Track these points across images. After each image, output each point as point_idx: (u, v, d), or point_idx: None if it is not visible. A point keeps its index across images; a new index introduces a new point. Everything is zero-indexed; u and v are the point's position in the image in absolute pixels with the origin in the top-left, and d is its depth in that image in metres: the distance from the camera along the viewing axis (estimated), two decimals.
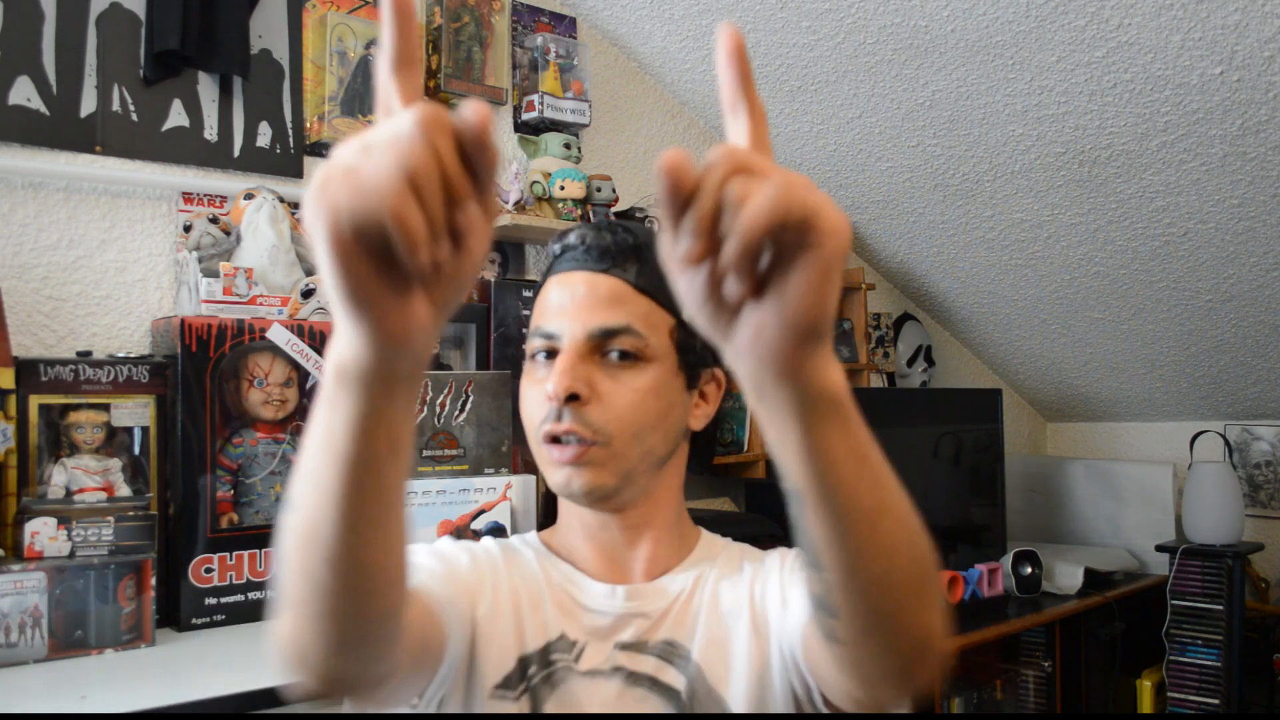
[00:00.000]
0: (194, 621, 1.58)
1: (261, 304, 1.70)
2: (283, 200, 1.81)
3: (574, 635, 0.83)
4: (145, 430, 1.62)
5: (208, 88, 1.88)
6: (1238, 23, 1.88)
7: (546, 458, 0.82)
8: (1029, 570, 2.63)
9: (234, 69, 1.87)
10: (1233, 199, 2.34)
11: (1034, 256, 2.82)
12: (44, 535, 1.42)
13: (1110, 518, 3.13)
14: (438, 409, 1.88)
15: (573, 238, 0.86)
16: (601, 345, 0.81)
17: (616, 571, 0.87)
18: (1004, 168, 2.52)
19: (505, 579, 0.84)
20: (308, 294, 1.75)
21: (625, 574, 0.87)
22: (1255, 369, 2.93)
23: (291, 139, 1.98)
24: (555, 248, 0.88)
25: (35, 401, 1.52)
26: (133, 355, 1.64)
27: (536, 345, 0.84)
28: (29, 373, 1.52)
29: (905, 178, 2.70)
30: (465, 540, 0.89)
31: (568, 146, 2.27)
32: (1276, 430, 3.11)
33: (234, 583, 1.62)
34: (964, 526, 2.77)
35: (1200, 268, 2.60)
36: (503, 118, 2.34)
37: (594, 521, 0.87)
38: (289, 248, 1.78)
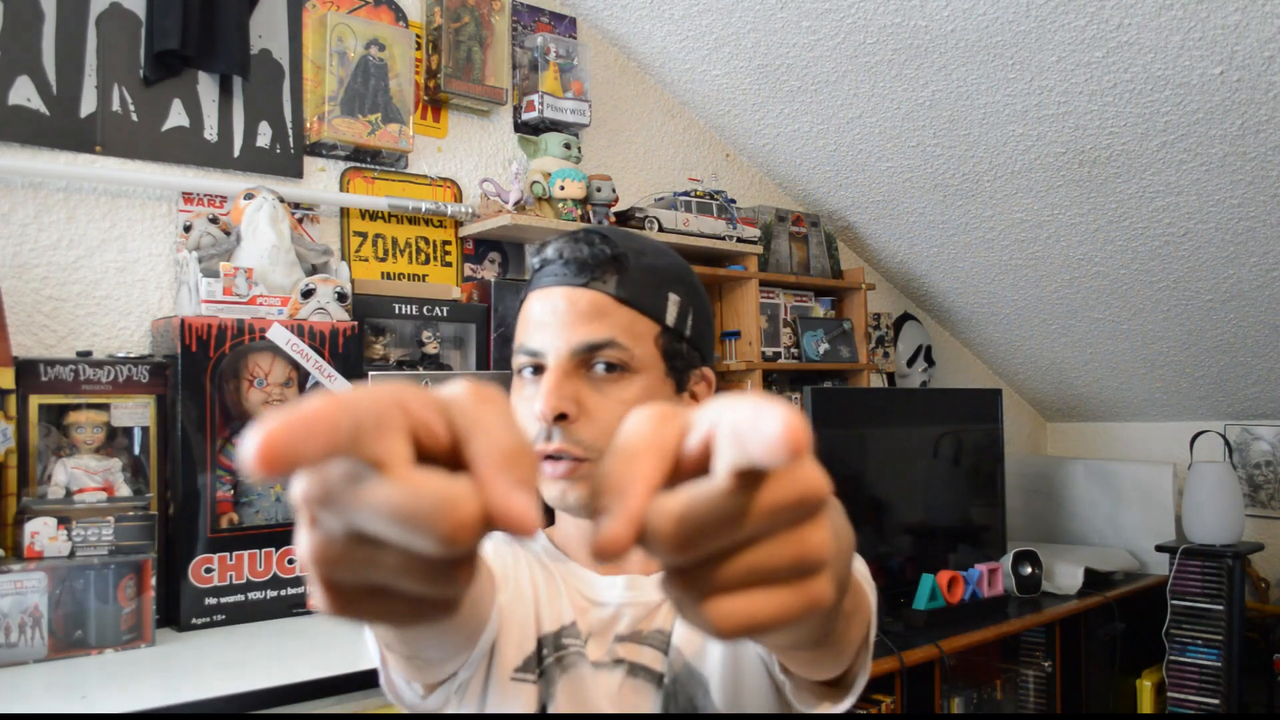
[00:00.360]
0: (194, 621, 1.58)
1: (261, 304, 1.70)
2: (283, 200, 1.81)
3: (580, 625, 0.85)
4: (145, 430, 1.62)
5: (208, 88, 1.88)
6: (1238, 23, 1.88)
7: (540, 473, 0.83)
8: (1029, 570, 2.64)
9: (234, 69, 1.87)
10: (1233, 199, 2.34)
11: (1034, 256, 2.82)
12: (44, 535, 1.42)
13: (1110, 518, 3.13)
14: None
15: (550, 251, 0.86)
16: (586, 360, 0.82)
17: (615, 567, 0.88)
18: (1004, 168, 2.52)
19: (525, 566, 0.87)
20: (308, 294, 1.74)
21: (624, 569, 0.88)
22: (1255, 369, 2.93)
23: (291, 139, 1.98)
24: (534, 262, 0.88)
25: (35, 401, 1.52)
26: (133, 355, 1.63)
27: (522, 362, 0.84)
28: (29, 373, 1.52)
29: (905, 178, 2.69)
30: None
31: (568, 146, 2.27)
32: (1276, 430, 3.11)
33: (234, 583, 1.62)
34: (964, 526, 2.77)
35: (1200, 268, 2.60)
36: (503, 118, 2.34)
37: (590, 528, 0.87)
38: (289, 248, 1.78)
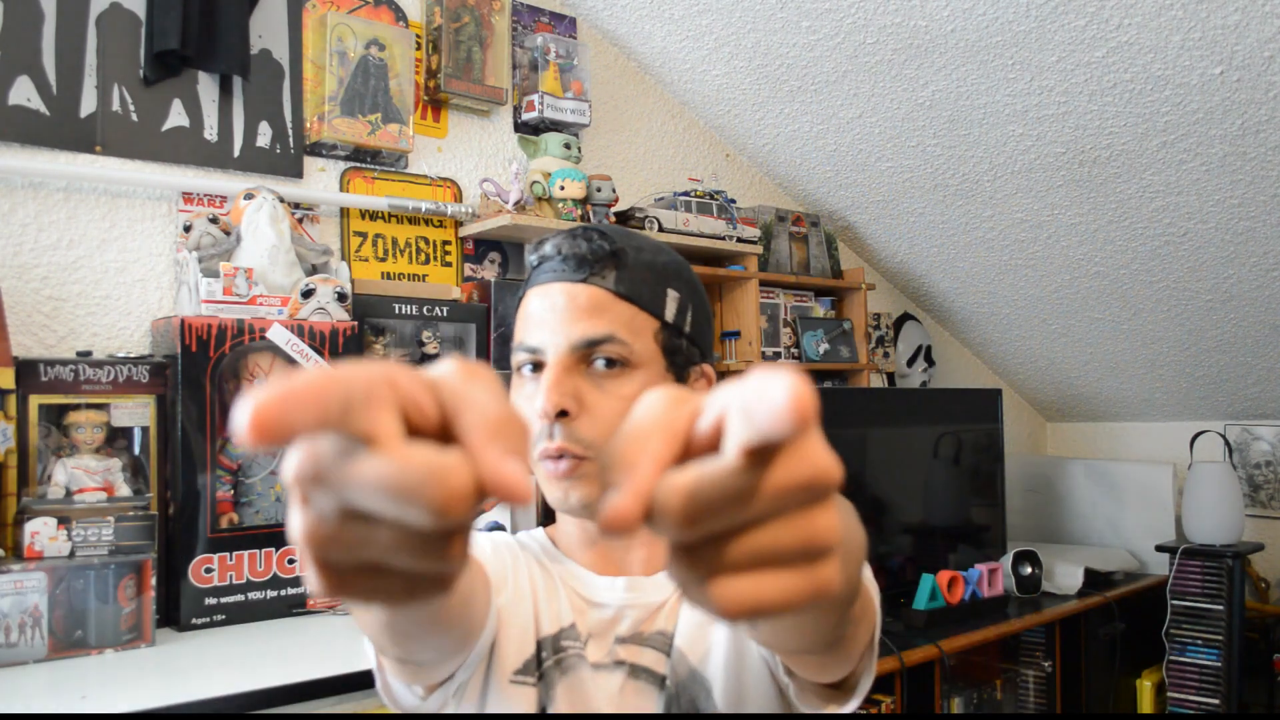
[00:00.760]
0: (194, 621, 1.58)
1: (261, 304, 1.70)
2: (283, 200, 1.81)
3: (580, 627, 0.85)
4: (145, 430, 1.62)
5: (208, 88, 1.88)
6: (1238, 23, 1.88)
7: (542, 473, 0.82)
8: (1029, 570, 2.64)
9: (234, 69, 1.87)
10: (1233, 199, 2.34)
11: (1034, 256, 2.82)
12: (44, 535, 1.42)
13: (1110, 518, 3.13)
14: None
15: (548, 248, 0.85)
16: (586, 356, 0.81)
17: (616, 568, 0.89)
18: (1004, 168, 2.52)
19: (524, 567, 0.87)
20: (307, 294, 1.74)
21: (624, 570, 0.88)
22: (1255, 369, 2.93)
23: (291, 139, 1.98)
24: (532, 259, 0.87)
25: (35, 401, 1.52)
26: (133, 355, 1.63)
27: (521, 359, 0.84)
28: (29, 373, 1.51)
29: (905, 178, 2.69)
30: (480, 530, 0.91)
31: (568, 146, 2.27)
32: (1276, 430, 3.11)
33: (234, 583, 1.62)
34: (964, 526, 2.76)
35: (1200, 268, 2.60)
36: (503, 118, 2.34)
37: (593, 529, 0.88)
38: (289, 248, 1.78)
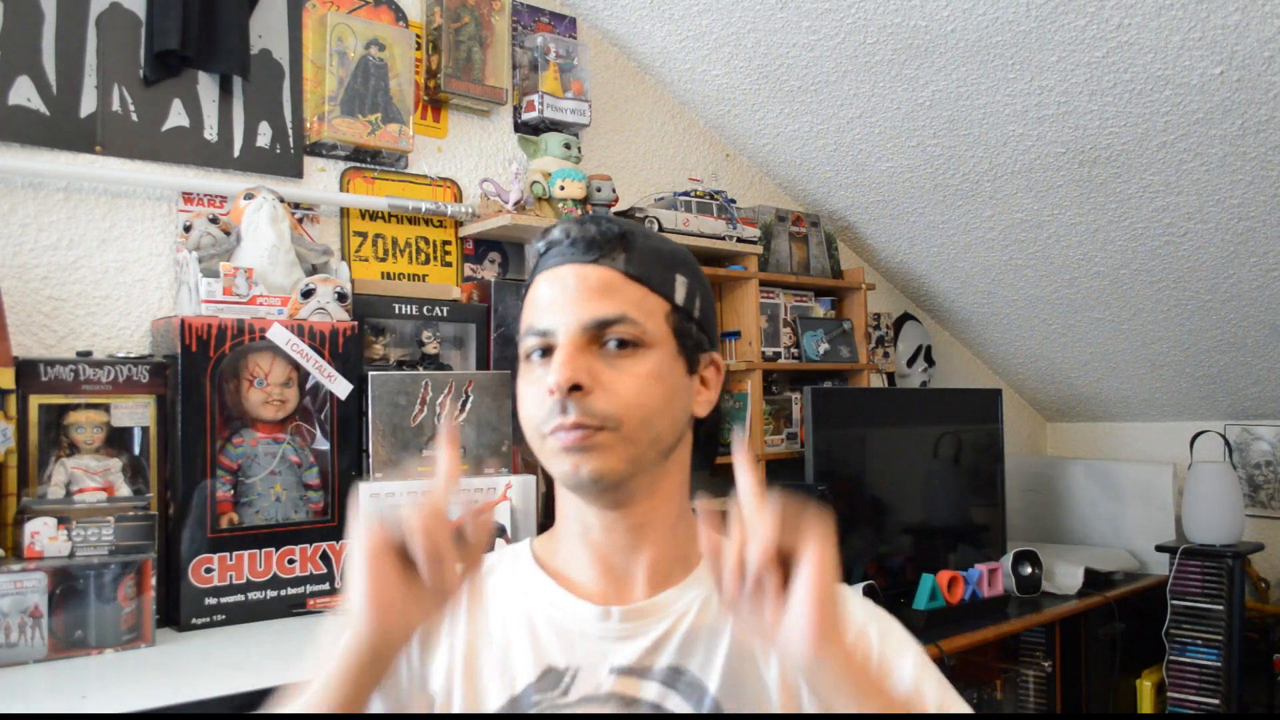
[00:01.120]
0: (194, 621, 1.58)
1: (261, 304, 1.70)
2: (283, 200, 1.81)
3: (563, 663, 0.80)
4: (145, 430, 1.62)
5: (208, 88, 1.88)
6: (1238, 23, 1.88)
7: (551, 447, 0.78)
8: (1029, 570, 2.64)
9: (234, 69, 1.87)
10: (1233, 199, 2.34)
11: (1034, 256, 2.82)
12: (44, 535, 1.42)
13: (1110, 518, 3.13)
14: (438, 409, 1.88)
15: (557, 233, 0.84)
16: (598, 336, 0.79)
17: (615, 584, 0.83)
18: (1004, 168, 2.52)
19: (495, 612, 0.84)
20: (307, 294, 1.74)
21: (625, 585, 0.83)
22: (1255, 369, 2.93)
23: (291, 139, 1.98)
24: (540, 245, 0.85)
25: (35, 401, 1.52)
26: (133, 355, 1.63)
27: (531, 344, 0.81)
28: (29, 373, 1.52)
29: (905, 178, 2.69)
30: None
31: (568, 146, 2.27)
32: (1276, 430, 3.11)
33: (234, 583, 1.62)
34: (964, 526, 2.76)
35: (1200, 268, 2.60)
36: (503, 118, 2.34)
37: (596, 523, 0.83)
38: (289, 248, 1.78)
